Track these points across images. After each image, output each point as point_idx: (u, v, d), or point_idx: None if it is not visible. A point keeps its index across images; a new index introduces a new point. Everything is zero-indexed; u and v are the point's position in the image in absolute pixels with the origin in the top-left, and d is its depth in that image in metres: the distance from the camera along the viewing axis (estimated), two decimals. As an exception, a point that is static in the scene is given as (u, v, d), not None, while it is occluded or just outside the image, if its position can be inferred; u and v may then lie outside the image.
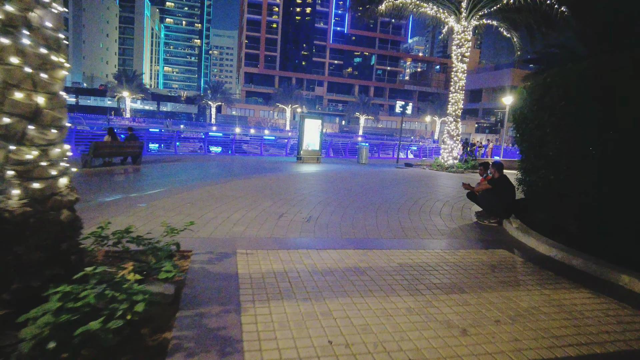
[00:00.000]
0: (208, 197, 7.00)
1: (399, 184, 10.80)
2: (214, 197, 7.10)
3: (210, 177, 11.27)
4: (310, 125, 19.11)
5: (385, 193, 8.95)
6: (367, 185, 10.11)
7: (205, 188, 8.06)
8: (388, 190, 9.42)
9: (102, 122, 55.38)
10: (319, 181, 10.15)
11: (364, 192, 8.76)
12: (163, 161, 15.52)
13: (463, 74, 15.62)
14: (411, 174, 13.92)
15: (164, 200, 6.59)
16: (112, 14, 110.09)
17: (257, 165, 16.12)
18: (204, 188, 8.07)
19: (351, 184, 10.05)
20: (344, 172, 13.59)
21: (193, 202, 6.48)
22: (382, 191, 9.22)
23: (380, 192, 9.10)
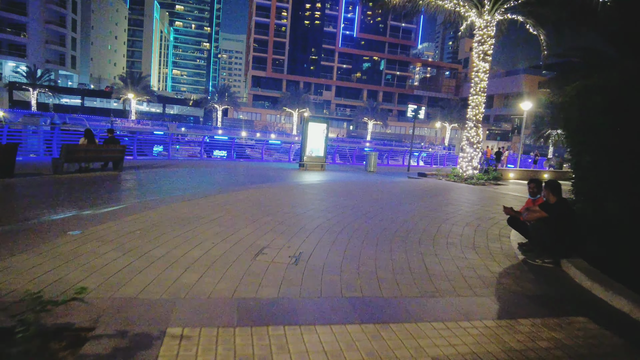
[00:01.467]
0: (172, 219, 5.40)
1: (414, 200, 9.12)
2: (180, 219, 5.49)
3: (192, 187, 9.70)
4: (315, 130, 17.52)
5: (399, 212, 7.30)
6: (377, 201, 8.46)
7: (175, 205, 6.46)
8: (403, 209, 7.76)
9: (104, 123, 54.42)
10: (320, 195, 8.53)
11: (374, 212, 7.11)
12: (152, 167, 14.01)
13: (485, 74, 13.94)
14: (427, 186, 12.23)
15: (111, 224, 5.00)
16: (121, 16, 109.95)
17: (254, 173, 14.54)
18: (174, 205, 6.47)
19: (358, 199, 8.40)
20: (350, 183, 11.94)
21: (148, 228, 4.89)
22: (395, 210, 7.57)
23: (394, 211, 7.45)
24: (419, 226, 6.24)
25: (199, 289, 3.19)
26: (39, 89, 60.81)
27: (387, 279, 3.77)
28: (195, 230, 4.91)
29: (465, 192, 11.32)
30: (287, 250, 4.40)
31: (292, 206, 7.06)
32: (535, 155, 31.29)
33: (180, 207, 6.33)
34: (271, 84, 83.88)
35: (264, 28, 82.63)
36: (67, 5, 73.75)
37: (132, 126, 58.74)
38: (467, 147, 14.16)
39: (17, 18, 64.92)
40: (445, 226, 6.42)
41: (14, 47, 66.71)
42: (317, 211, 6.78)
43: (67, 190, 8.64)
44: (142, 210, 5.92)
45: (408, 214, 7.18)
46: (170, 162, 16.08)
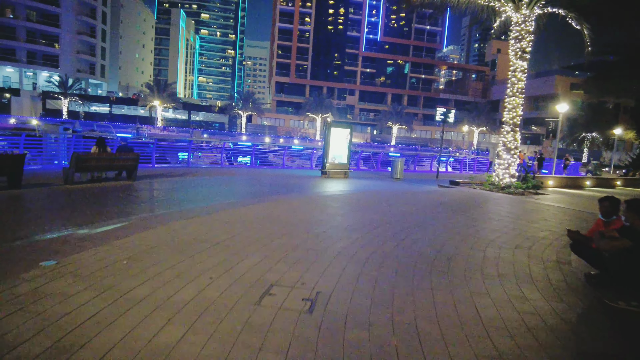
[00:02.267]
0: (170, 244, 4.64)
1: (450, 213, 8.10)
2: (179, 242, 4.72)
3: (204, 199, 8.98)
4: (338, 135, 16.67)
5: (435, 231, 6.33)
6: (407, 216, 7.50)
7: (179, 223, 5.70)
8: (439, 226, 6.78)
9: (130, 130, 55.18)
10: (342, 209, 7.64)
11: (405, 231, 6.17)
12: (168, 176, 13.46)
13: (523, 73, 12.76)
14: (461, 196, 11.15)
15: (98, 249, 4.27)
16: (148, 26, 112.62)
17: (275, 181, 13.79)
18: (177, 223, 5.71)
19: (386, 214, 7.47)
20: (375, 193, 11.00)
21: (138, 256, 4.13)
22: (430, 228, 6.60)
23: (429, 229, 6.48)
24: (461, 250, 5.27)
25: (177, 355, 2.36)
26: (69, 97, 62.52)
27: (431, 336, 2.84)
28: (194, 260, 4.11)
29: (504, 203, 10.19)
30: (300, 289, 3.52)
31: (311, 223, 6.20)
32: (566, 159, 29.28)
33: (184, 225, 5.56)
34: (294, 89, 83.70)
35: (287, 34, 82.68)
36: (97, 16, 75.85)
37: (157, 133, 59.40)
38: (504, 153, 12.98)
39: (51, 30, 67.12)
40: (492, 250, 5.41)
41: (48, 57, 68.95)
42: (339, 230, 5.89)
43: (72, 204, 8.07)
44: (140, 230, 5.19)
45: (446, 234, 6.20)
46: (188, 171, 15.54)
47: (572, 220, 8.45)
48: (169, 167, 16.96)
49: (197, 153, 28.41)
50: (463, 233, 6.33)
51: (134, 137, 49.76)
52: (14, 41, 63.81)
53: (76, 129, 32.62)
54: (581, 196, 13.80)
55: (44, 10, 65.73)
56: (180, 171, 15.17)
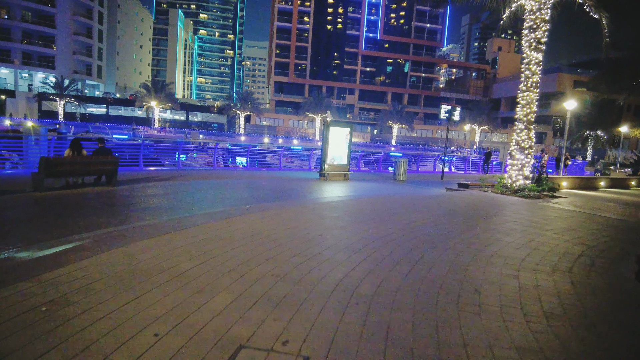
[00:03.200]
0: (118, 276, 3.59)
1: (467, 225, 7.05)
2: (130, 274, 3.67)
3: (186, 208, 7.93)
4: (337, 135, 15.63)
5: (455, 251, 5.28)
6: (417, 229, 6.45)
7: (141, 244, 4.65)
8: (456, 242, 5.72)
9: (126, 131, 54.20)
10: (342, 221, 6.60)
11: (418, 250, 5.13)
12: (154, 180, 12.43)
13: (538, 66, 11.71)
14: (474, 202, 10.09)
15: (18, 286, 3.24)
16: (146, 26, 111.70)
17: (269, 185, 12.75)
18: (137, 245, 4.65)
19: (392, 226, 6.42)
20: (379, 199, 9.95)
21: (67, 297, 3.08)
22: (447, 245, 5.55)
23: (446, 247, 5.43)
24: (489, 277, 4.21)
25: None
26: (65, 98, 61.55)
27: None
28: (141, 302, 3.07)
29: (523, 209, 9.14)
30: (280, 354, 2.48)
31: (304, 242, 5.15)
32: (565, 158, 27.86)
33: (147, 247, 4.52)
34: (294, 89, 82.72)
35: (286, 33, 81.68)
36: (94, 17, 74.90)
37: (154, 134, 58.44)
38: (518, 153, 11.93)
39: (47, 31, 66.17)
40: (527, 275, 4.36)
41: (43, 58, 68.03)
42: (338, 250, 4.83)
43: (33, 215, 7.04)
44: (92, 254, 4.15)
45: (466, 253, 5.14)
46: (178, 174, 14.50)
47: (604, 230, 7.41)
48: (158, 170, 15.93)
49: (192, 154, 27.43)
50: (486, 251, 5.28)
51: (130, 139, 48.83)
52: (9, 42, 62.87)
53: (62, 130, 31.46)
54: (602, 199, 12.75)
55: (39, 10, 64.77)
56: (169, 174, 14.14)
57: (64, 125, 40.94)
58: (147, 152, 19.52)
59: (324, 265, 4.20)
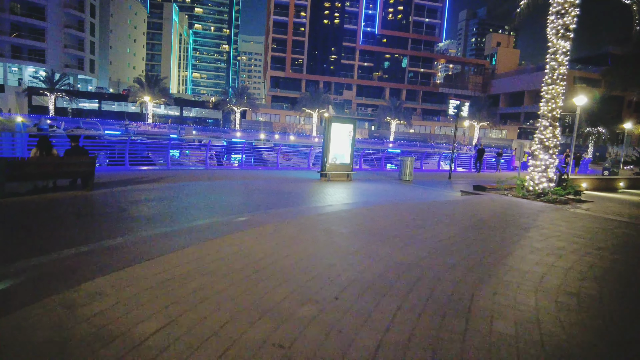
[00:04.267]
0: (36, 349, 2.40)
1: (504, 243, 5.85)
2: (52, 346, 2.49)
3: (165, 221, 6.65)
4: (339, 131, 14.41)
5: (512, 286, 4.11)
6: (451, 252, 5.25)
7: (87, 287, 3.43)
8: (506, 270, 4.53)
9: (119, 127, 52.71)
10: (354, 241, 5.37)
11: (463, 285, 3.93)
12: (139, 181, 11.17)
13: (565, 56, 10.53)
14: (499, 209, 8.90)
15: None
16: (140, 20, 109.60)
17: (264, 188, 11.51)
18: (85, 287, 3.44)
19: (419, 248, 5.20)
20: (392, 207, 8.74)
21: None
22: (500, 276, 4.38)
23: (499, 279, 4.26)
24: (578, 348, 3.04)
25: None
26: (56, 93, 59.87)
27: None
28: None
29: (556, 219, 7.97)
30: None
31: (313, 276, 3.92)
32: (566, 155, 26.50)
33: (89, 295, 3.29)
34: (290, 84, 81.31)
35: (282, 27, 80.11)
36: (86, 9, 72.94)
37: (148, 130, 56.97)
38: (541, 153, 10.75)
39: (37, 23, 64.26)
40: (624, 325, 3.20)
41: (34, 52, 66.18)
42: (360, 293, 3.59)
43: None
44: (11, 309, 2.93)
45: (526, 288, 3.96)
46: (166, 174, 13.23)
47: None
48: (145, 169, 14.64)
49: (185, 151, 26.13)
50: (556, 286, 4.09)
51: (122, 134, 47.39)
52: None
53: (42, 126, 29.93)
54: (634, 204, 11.62)
55: (29, 2, 62.84)
56: (157, 175, 12.87)
57: (44, 120, 39.23)
58: (139, 150, 18.24)
59: (345, 321, 2.99)
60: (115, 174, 12.67)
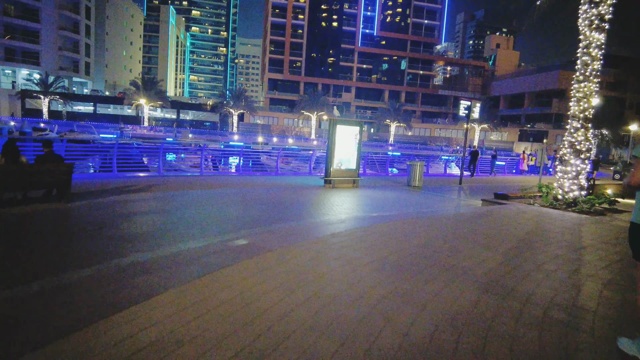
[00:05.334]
0: None
1: (579, 278, 4.77)
2: None
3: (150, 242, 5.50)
4: (345, 134, 13.31)
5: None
6: (511, 292, 4.16)
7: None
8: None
9: (113, 130, 51.57)
10: (385, 279, 4.23)
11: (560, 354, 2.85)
12: (125, 190, 10.03)
13: (599, 50, 9.47)
14: (534, 224, 7.77)
15: None
16: (136, 22, 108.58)
17: (263, 197, 10.38)
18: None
19: (469, 286, 4.11)
20: (410, 220, 7.62)
21: None
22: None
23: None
24: None
25: None
26: (50, 96, 58.63)
27: None
28: None
29: (607, 236, 6.87)
30: None
31: (340, 341, 2.81)
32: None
33: None
34: (288, 86, 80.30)
35: (280, 29, 79.12)
36: (81, 11, 71.77)
37: (144, 133, 55.88)
38: (572, 158, 9.68)
39: (31, 25, 63.11)
40: None
41: (27, 54, 64.98)
42: None
43: None
44: None
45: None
46: (155, 182, 12.09)
47: None
48: (134, 176, 13.49)
49: (180, 155, 24.98)
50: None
51: (117, 138, 46.23)
52: (-11, 37, 59.88)
53: (25, 129, 28.63)
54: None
55: (23, 4, 61.67)
56: (146, 183, 11.72)
57: (27, 123, 37.84)
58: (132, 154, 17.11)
59: None
60: (101, 181, 11.54)
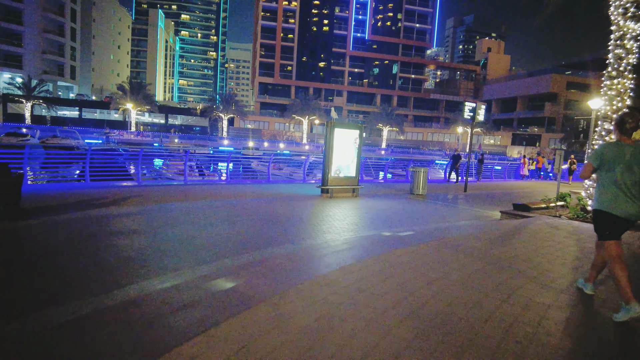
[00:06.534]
0: None
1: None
2: None
3: (104, 280, 4.13)
4: (343, 139, 12.08)
5: None
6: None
7: None
8: None
9: (98, 135, 49.89)
10: (412, 350, 3.01)
11: None
12: (94, 203, 8.66)
13: (636, 41, 8.39)
14: (576, 246, 6.61)
15: None
16: (124, 26, 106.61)
17: (253, 211, 9.05)
18: None
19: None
20: (433, 244, 6.37)
21: None
22: None
23: None
24: None
25: None
26: (33, 100, 56.60)
27: None
28: None
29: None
30: None
31: None
32: (571, 162, 24.12)
33: None
34: (279, 90, 79.10)
35: (271, 32, 78.01)
36: (66, 14, 69.89)
37: (131, 138, 54.27)
38: (604, 164, 8.56)
39: (13, 27, 61.13)
40: None
41: (10, 57, 62.93)
42: None
43: None
44: None
45: None
46: (132, 193, 10.70)
47: None
48: (109, 186, 12.08)
49: (166, 161, 23.55)
50: None
51: (103, 143, 44.57)
52: (-30, 39, 57.88)
53: None
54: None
55: (5, 6, 59.71)
56: (120, 194, 10.33)
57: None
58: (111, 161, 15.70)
59: None
60: (70, 192, 10.14)
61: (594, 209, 3.71)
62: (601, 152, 3.64)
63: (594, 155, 3.69)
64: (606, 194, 3.57)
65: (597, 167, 3.65)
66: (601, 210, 3.59)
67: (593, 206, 3.72)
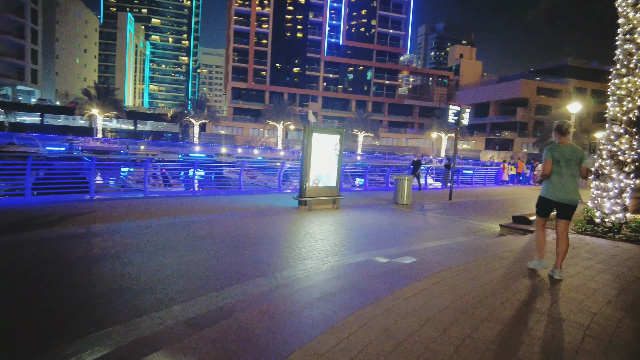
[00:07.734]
0: None
1: None
2: None
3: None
4: (323, 145, 10.90)
5: None
6: None
7: None
8: None
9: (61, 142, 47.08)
10: None
11: None
12: (31, 224, 7.16)
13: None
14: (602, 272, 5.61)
15: None
16: (91, 29, 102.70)
17: (219, 232, 7.73)
18: None
19: None
20: (435, 271, 5.25)
21: None
22: None
23: None
24: None
25: None
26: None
27: None
28: None
29: None
30: None
31: None
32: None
33: None
34: (253, 96, 77.48)
35: (244, 37, 76.40)
36: (26, 15, 66.31)
37: (97, 145, 51.55)
38: (614, 170, 7.69)
39: (-34, 28, 57.45)
40: None
41: (-38, 60, 59.13)
42: None
43: None
44: None
45: None
46: (79, 210, 9.17)
47: None
48: (54, 200, 10.47)
49: (130, 169, 21.76)
50: None
51: (67, 151, 41.96)
52: None
53: None
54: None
55: (-45, 5, 56.11)
56: (64, 211, 8.80)
57: None
58: (68, 171, 13.94)
59: None
60: (5, 209, 8.56)
61: (540, 196, 4.74)
62: (551, 151, 4.53)
63: (549, 154, 4.53)
64: (549, 183, 4.57)
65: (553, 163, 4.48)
66: (543, 197, 4.66)
67: (540, 194, 4.75)
